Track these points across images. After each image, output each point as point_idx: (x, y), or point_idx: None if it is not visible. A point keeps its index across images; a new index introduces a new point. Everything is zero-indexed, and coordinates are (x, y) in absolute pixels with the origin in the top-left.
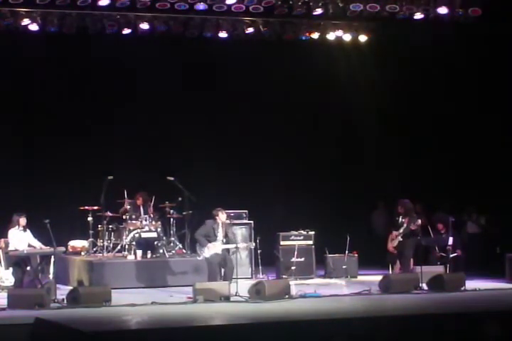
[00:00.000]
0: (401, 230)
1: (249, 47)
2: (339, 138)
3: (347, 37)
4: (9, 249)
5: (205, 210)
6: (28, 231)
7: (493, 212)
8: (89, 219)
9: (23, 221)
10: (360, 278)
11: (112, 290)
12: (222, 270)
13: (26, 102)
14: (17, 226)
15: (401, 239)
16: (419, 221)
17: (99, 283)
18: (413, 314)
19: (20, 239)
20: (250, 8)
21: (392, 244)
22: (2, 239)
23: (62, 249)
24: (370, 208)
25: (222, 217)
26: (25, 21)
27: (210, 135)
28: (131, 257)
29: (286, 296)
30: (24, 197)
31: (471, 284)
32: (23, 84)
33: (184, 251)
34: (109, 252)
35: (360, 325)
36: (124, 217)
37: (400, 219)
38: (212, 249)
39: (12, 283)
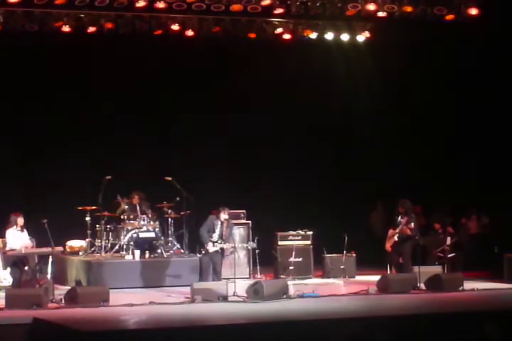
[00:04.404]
0: (397, 229)
1: (247, 47)
2: (338, 138)
3: (345, 37)
4: (7, 248)
5: (204, 210)
6: (25, 231)
7: (492, 212)
8: (87, 219)
9: (21, 221)
10: (358, 278)
11: (110, 290)
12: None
13: (26, 102)
14: (15, 226)
15: (396, 239)
16: (412, 224)
17: (97, 283)
18: (411, 314)
19: (18, 239)
20: (248, 8)
21: (389, 243)
22: (0, 239)
23: (60, 248)
24: (369, 208)
25: (223, 216)
26: (24, 21)
27: (210, 135)
28: (129, 257)
29: (284, 296)
30: (22, 197)
31: (469, 284)
32: (23, 85)
33: (182, 251)
34: (107, 252)
35: (358, 325)
36: (121, 216)
37: (399, 218)
38: (212, 247)
39: (10, 283)
